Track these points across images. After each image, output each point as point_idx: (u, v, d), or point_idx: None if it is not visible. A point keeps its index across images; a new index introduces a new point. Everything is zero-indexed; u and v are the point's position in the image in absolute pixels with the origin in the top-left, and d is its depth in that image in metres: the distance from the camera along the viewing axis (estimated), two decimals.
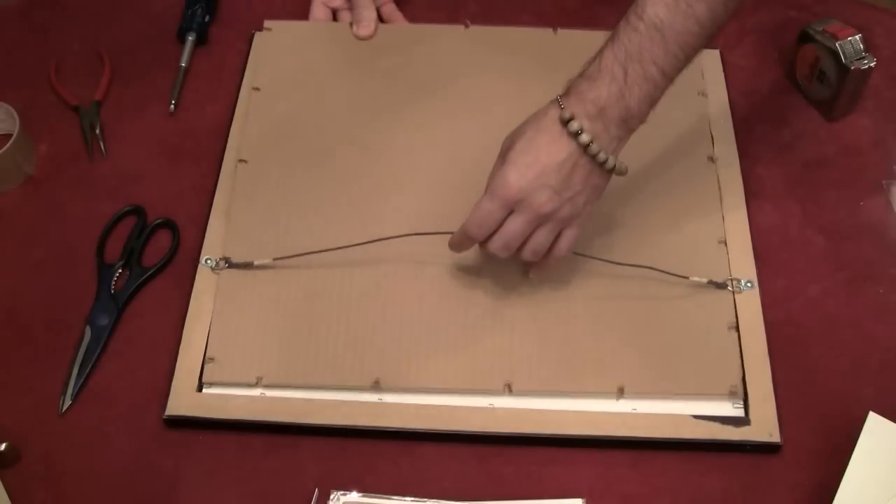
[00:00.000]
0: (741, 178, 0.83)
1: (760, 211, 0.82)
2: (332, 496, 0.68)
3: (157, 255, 0.80)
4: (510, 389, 0.72)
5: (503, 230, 0.67)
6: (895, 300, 0.77)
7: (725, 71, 0.91)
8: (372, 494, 0.68)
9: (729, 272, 0.77)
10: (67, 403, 0.73)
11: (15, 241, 0.82)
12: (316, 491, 0.68)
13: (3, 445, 0.69)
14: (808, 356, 0.74)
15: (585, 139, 0.64)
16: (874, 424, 0.66)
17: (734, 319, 0.75)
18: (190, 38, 0.94)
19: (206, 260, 0.78)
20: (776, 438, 0.69)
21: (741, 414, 0.71)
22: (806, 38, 0.86)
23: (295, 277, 0.77)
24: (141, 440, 0.71)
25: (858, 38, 0.82)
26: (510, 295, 0.76)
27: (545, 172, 0.65)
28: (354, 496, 0.68)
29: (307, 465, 0.70)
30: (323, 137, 0.86)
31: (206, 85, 0.92)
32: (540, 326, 0.75)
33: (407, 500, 0.68)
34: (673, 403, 0.71)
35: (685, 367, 0.73)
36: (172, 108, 0.90)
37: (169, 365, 0.73)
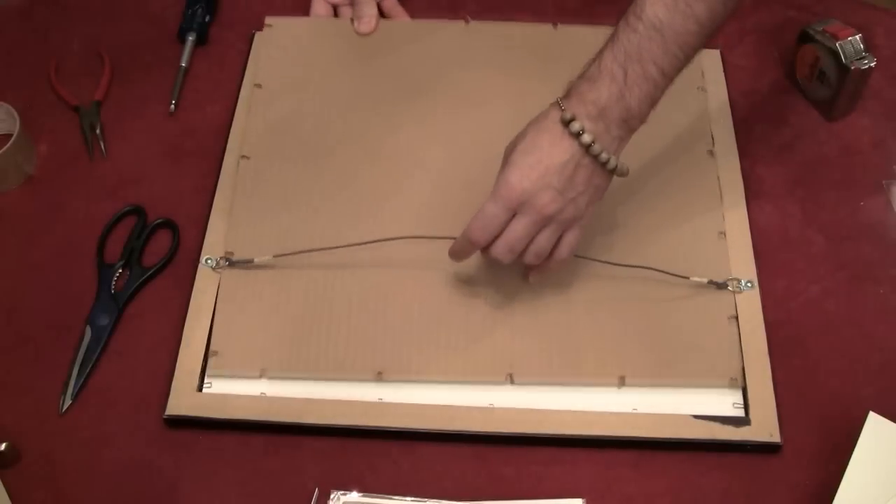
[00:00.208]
0: (741, 177, 0.83)
1: (760, 211, 0.82)
2: (332, 496, 0.68)
3: (157, 254, 0.80)
4: (511, 379, 0.72)
5: (507, 233, 0.67)
6: (895, 300, 0.77)
7: (725, 71, 0.91)
8: (372, 494, 0.68)
9: (729, 272, 0.77)
10: (67, 403, 0.73)
11: (15, 241, 0.82)
12: (316, 491, 0.68)
13: (3, 445, 0.69)
14: (808, 356, 0.74)
15: (587, 139, 0.65)
16: (874, 424, 0.66)
17: (734, 313, 0.75)
18: (190, 38, 0.94)
19: (206, 260, 0.78)
20: (776, 438, 0.69)
21: (741, 414, 0.71)
22: (806, 38, 0.86)
23: (296, 275, 0.77)
24: (141, 440, 0.71)
25: (858, 38, 0.82)
26: (512, 292, 0.76)
27: (548, 173, 0.65)
28: (354, 496, 0.68)
29: (307, 465, 0.70)
30: (325, 134, 0.86)
31: (206, 85, 0.92)
32: (540, 320, 0.75)
33: (407, 500, 0.68)
34: (674, 402, 0.71)
35: (685, 356, 0.73)
36: (172, 108, 0.90)
37: (169, 365, 0.73)
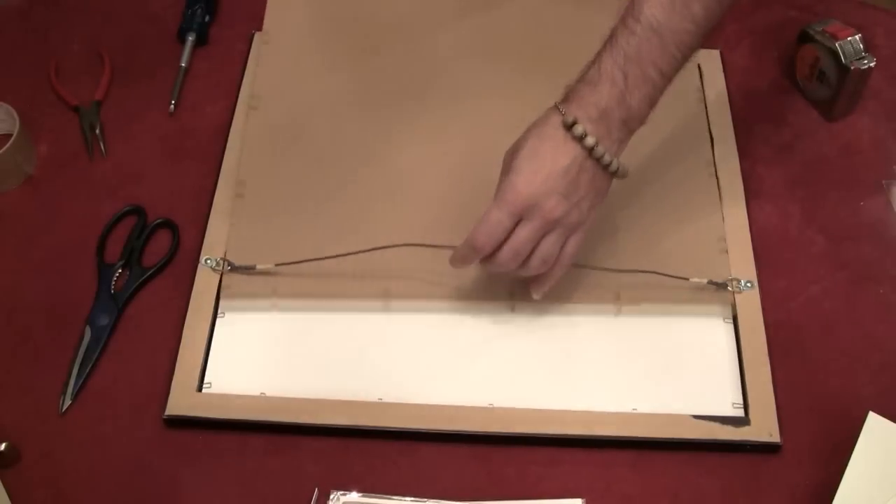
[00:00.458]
0: (741, 178, 0.83)
1: (760, 211, 0.82)
2: (332, 496, 0.68)
3: (157, 255, 0.80)
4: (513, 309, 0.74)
5: (512, 239, 0.67)
6: (895, 300, 0.77)
7: (725, 71, 0.91)
8: (372, 494, 0.68)
9: (729, 272, 0.77)
10: (67, 403, 0.73)
11: (15, 241, 0.82)
12: (316, 491, 0.68)
13: (3, 445, 0.69)
14: (808, 356, 0.74)
15: (591, 142, 0.64)
16: (874, 424, 0.66)
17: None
18: (190, 38, 0.94)
19: (206, 260, 0.78)
20: (776, 438, 0.69)
21: (741, 414, 0.71)
22: (806, 38, 0.86)
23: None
24: (141, 440, 0.71)
25: (858, 38, 0.82)
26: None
27: (552, 178, 0.65)
28: (354, 496, 0.68)
29: (307, 465, 0.70)
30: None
31: (206, 85, 0.92)
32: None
33: (407, 500, 0.68)
34: (673, 402, 0.71)
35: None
36: (172, 108, 0.90)
37: (169, 365, 0.73)
